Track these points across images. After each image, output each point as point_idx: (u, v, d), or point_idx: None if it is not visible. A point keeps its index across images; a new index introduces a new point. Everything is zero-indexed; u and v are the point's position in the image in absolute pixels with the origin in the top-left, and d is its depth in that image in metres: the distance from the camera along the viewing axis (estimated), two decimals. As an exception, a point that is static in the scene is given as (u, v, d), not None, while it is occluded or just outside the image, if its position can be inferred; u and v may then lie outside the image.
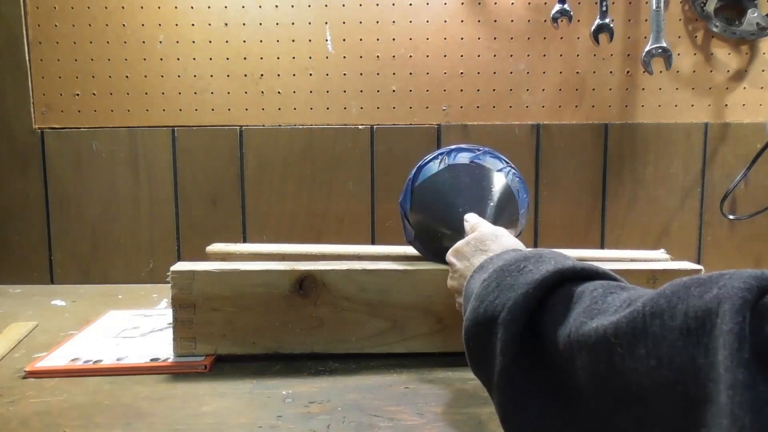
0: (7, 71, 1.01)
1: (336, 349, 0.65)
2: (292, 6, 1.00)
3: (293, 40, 1.01)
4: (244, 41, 1.01)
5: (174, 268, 0.64)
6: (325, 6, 1.00)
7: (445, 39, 1.01)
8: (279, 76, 1.02)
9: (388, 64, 1.01)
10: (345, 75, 1.02)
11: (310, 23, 1.00)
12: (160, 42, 1.01)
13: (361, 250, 0.74)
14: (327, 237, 1.03)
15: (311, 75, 1.02)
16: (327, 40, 1.01)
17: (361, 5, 1.00)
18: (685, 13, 1.00)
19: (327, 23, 1.00)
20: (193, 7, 1.00)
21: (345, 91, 1.02)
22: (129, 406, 0.54)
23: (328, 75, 1.02)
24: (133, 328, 0.75)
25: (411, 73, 1.02)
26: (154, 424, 0.50)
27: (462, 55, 1.01)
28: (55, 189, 1.03)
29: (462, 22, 1.01)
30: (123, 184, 1.03)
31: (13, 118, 1.02)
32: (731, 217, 1.01)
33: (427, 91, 1.02)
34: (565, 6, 0.96)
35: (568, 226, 1.04)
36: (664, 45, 0.96)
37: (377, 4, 1.00)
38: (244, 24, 1.00)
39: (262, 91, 1.02)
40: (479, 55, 1.01)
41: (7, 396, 0.56)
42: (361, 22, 1.00)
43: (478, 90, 1.02)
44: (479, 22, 1.01)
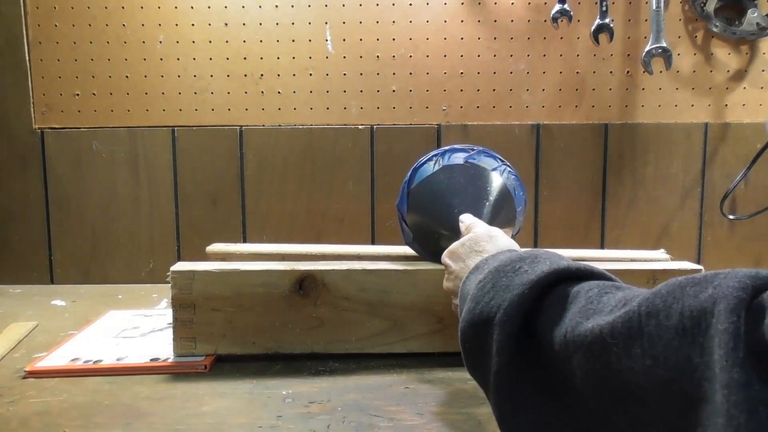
0: (7, 71, 1.01)
1: (336, 349, 0.65)
2: (292, 6, 1.00)
3: (293, 40, 1.01)
4: (244, 41, 1.01)
5: (174, 268, 0.64)
6: (325, 6, 1.00)
7: (445, 39, 1.01)
8: (279, 76, 1.02)
9: (388, 64, 1.01)
10: (345, 75, 1.02)
11: (310, 23, 1.01)
12: (160, 42, 1.01)
13: (361, 250, 0.75)
14: (327, 237, 1.03)
15: (311, 75, 1.02)
16: (327, 40, 1.01)
17: (361, 5, 1.00)
18: (685, 13, 1.00)
19: (327, 23, 1.01)
20: (193, 7, 1.00)
21: (345, 91, 1.02)
22: (129, 406, 0.54)
23: (328, 75, 1.02)
24: (133, 328, 0.75)
25: (411, 73, 1.02)
26: (154, 424, 0.51)
27: (462, 55, 1.01)
28: (55, 189, 1.03)
29: (462, 22, 1.01)
30: (123, 184, 1.03)
31: (13, 118, 1.02)
32: (731, 217, 1.01)
33: (427, 91, 1.02)
34: (565, 6, 0.96)
35: (568, 226, 1.04)
36: (664, 45, 0.96)
37: (377, 4, 1.00)
38: (244, 24, 1.00)
39: (262, 91, 1.02)
40: (479, 55, 1.01)
41: (7, 396, 0.56)
42: (361, 22, 1.01)
43: (478, 90, 1.02)
44: (479, 22, 1.01)
